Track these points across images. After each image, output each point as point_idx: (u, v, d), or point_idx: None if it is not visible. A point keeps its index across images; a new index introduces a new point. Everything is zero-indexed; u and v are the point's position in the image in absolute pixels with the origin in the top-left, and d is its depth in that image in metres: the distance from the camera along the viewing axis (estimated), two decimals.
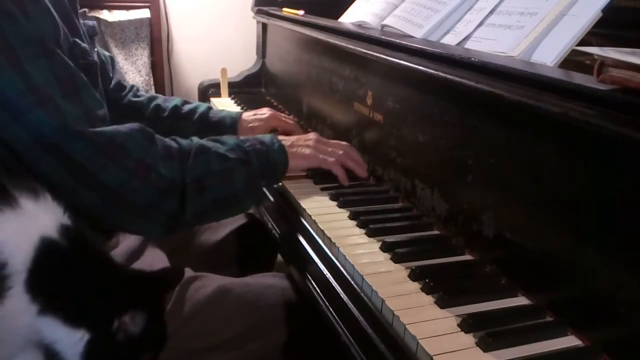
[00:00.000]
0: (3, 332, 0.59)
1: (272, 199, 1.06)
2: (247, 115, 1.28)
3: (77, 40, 0.85)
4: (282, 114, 1.33)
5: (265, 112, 1.30)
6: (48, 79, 0.74)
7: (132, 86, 1.23)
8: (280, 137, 0.99)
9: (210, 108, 1.25)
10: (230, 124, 1.24)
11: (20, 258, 0.59)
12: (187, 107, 1.23)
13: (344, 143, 1.07)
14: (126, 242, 0.96)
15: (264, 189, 1.08)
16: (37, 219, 0.62)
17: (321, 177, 1.05)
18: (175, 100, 1.24)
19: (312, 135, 1.05)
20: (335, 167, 1.02)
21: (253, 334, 0.91)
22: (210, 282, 0.93)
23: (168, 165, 0.82)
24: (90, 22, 0.97)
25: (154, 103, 1.21)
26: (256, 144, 0.94)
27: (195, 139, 0.90)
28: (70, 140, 0.74)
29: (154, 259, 0.98)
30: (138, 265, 0.95)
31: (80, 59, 0.84)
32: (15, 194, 0.62)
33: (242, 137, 0.96)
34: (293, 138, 1.03)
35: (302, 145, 1.01)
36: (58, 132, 0.74)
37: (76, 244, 0.64)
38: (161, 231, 0.86)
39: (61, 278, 0.62)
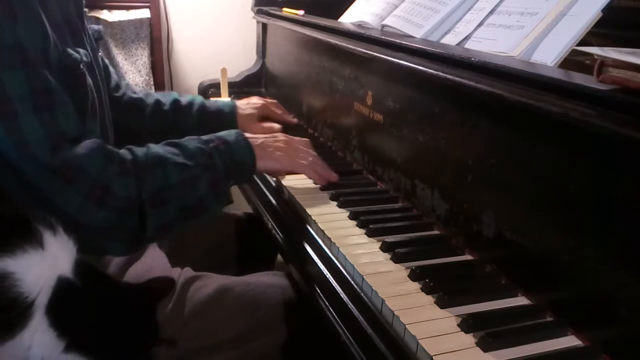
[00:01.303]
0: None
1: (272, 199, 1.06)
2: (241, 103, 1.31)
3: (69, 50, 0.81)
4: (273, 102, 1.37)
5: (257, 100, 1.32)
6: (22, 90, 0.71)
7: (127, 84, 1.23)
8: (249, 136, 0.96)
9: (203, 100, 1.26)
10: (229, 111, 1.25)
11: (43, 297, 0.60)
12: (184, 100, 1.23)
13: (312, 152, 1.04)
14: None
15: (266, 191, 1.08)
16: (57, 259, 0.63)
17: None
18: (173, 94, 1.25)
19: (280, 136, 1.02)
20: (308, 170, 1.01)
21: (254, 333, 0.91)
22: (211, 282, 0.94)
23: (123, 183, 0.79)
24: (96, 27, 0.96)
25: (154, 98, 1.21)
26: (219, 145, 0.90)
27: (152, 148, 0.86)
28: (27, 162, 0.72)
29: (154, 259, 0.98)
30: (138, 265, 0.95)
31: (70, 70, 0.81)
32: (40, 229, 0.62)
33: (204, 138, 0.92)
34: (262, 137, 0.99)
35: (273, 146, 0.98)
36: (14, 151, 0.71)
37: (87, 278, 0.65)
38: (125, 248, 0.83)
39: (80, 313, 0.63)
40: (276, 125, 1.27)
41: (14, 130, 0.71)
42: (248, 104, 1.30)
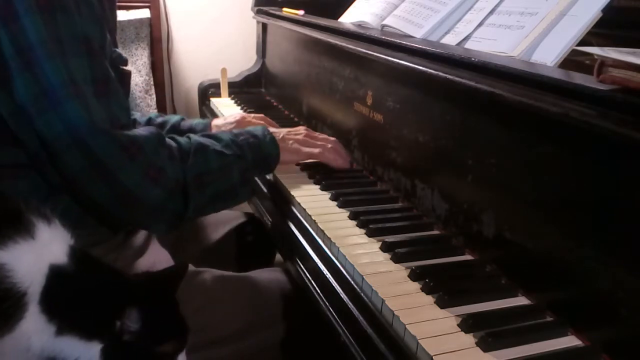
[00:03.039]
0: (19, 352, 0.60)
1: (272, 199, 1.06)
2: (218, 120, 1.29)
3: (118, 50, 0.89)
4: (251, 115, 1.32)
5: (236, 115, 1.30)
6: (86, 76, 0.77)
7: None
8: (271, 130, 1.03)
9: (182, 119, 1.25)
10: (201, 129, 1.23)
11: (36, 286, 0.60)
12: (160, 120, 1.23)
13: (332, 138, 1.12)
14: (131, 239, 0.97)
15: (264, 189, 1.09)
16: (51, 247, 0.64)
17: (322, 177, 1.05)
18: (150, 114, 1.26)
19: (301, 130, 1.09)
20: (322, 156, 1.07)
21: (254, 328, 0.92)
22: (211, 277, 0.95)
23: (172, 166, 0.85)
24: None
25: (132, 118, 1.22)
26: (249, 138, 0.97)
27: (193, 137, 0.92)
28: (97, 136, 0.77)
29: (157, 256, 0.99)
30: (143, 261, 0.96)
31: (119, 68, 0.88)
32: (33, 220, 0.63)
33: (235, 131, 0.99)
34: (284, 131, 1.07)
35: (293, 139, 1.05)
36: (86, 126, 0.76)
37: (82, 264, 0.65)
38: (165, 228, 0.89)
39: (72, 298, 0.63)
40: None
41: (86, 107, 0.76)
42: (225, 121, 1.28)
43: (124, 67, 0.92)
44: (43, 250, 0.63)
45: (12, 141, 0.78)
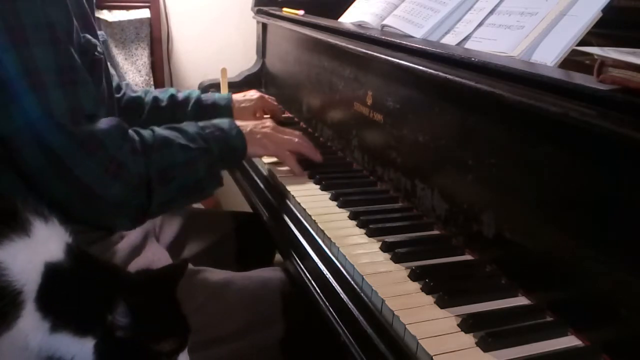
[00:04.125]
0: (17, 351, 0.60)
1: (272, 199, 1.06)
2: (238, 95, 1.35)
3: (88, 35, 0.86)
4: (267, 96, 1.40)
5: (254, 93, 1.37)
6: (49, 65, 0.75)
7: (127, 84, 1.26)
8: (240, 124, 1.02)
9: (201, 94, 1.30)
10: (225, 104, 1.29)
11: (32, 284, 0.61)
12: (181, 95, 1.27)
13: (297, 132, 1.11)
14: (128, 238, 0.97)
15: (263, 187, 1.08)
16: (47, 245, 0.64)
17: (322, 177, 1.05)
18: (170, 90, 1.29)
19: (268, 123, 1.08)
20: (288, 159, 1.07)
21: (254, 326, 0.92)
22: (211, 276, 0.95)
23: (135, 160, 0.83)
24: (100, 32, 0.99)
25: (152, 95, 1.25)
26: (215, 131, 0.96)
27: (157, 130, 0.91)
28: (54, 131, 0.75)
29: (155, 254, 0.99)
30: (140, 260, 0.96)
31: (90, 54, 0.86)
32: (29, 218, 0.63)
33: (200, 124, 0.97)
34: (251, 124, 1.06)
35: (260, 132, 1.04)
36: (42, 121, 0.74)
37: (78, 261, 0.65)
38: (129, 224, 0.89)
39: (67, 295, 0.63)
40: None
41: (44, 101, 0.74)
42: (245, 97, 1.35)
43: (96, 53, 0.89)
44: (39, 248, 0.63)
45: None
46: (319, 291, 0.78)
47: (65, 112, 0.76)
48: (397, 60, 0.93)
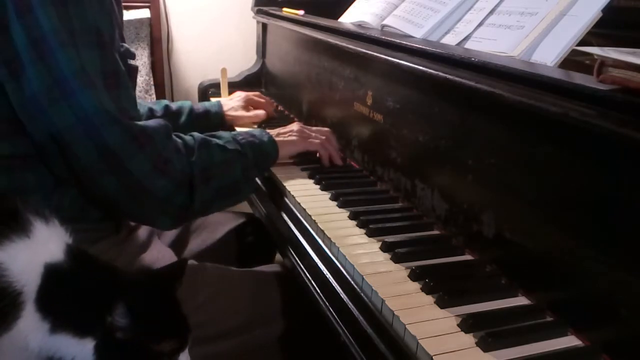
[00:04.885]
0: (17, 352, 0.60)
1: (272, 199, 1.06)
2: (225, 100, 1.45)
3: (126, 45, 0.91)
4: (251, 93, 1.49)
5: (240, 93, 1.46)
6: (96, 68, 0.78)
7: None
8: (269, 131, 1.07)
9: (191, 104, 1.36)
10: (216, 111, 1.37)
11: (32, 284, 0.61)
12: (175, 106, 1.32)
13: (325, 129, 1.17)
14: (134, 235, 0.98)
15: (263, 188, 1.09)
16: (47, 245, 0.64)
17: (322, 177, 1.05)
18: (163, 101, 1.34)
19: (295, 125, 1.15)
20: (320, 148, 1.12)
21: (254, 323, 0.93)
22: (213, 273, 0.96)
23: (179, 158, 0.86)
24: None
25: (146, 107, 1.28)
26: (248, 137, 1.00)
27: (196, 134, 0.94)
28: (108, 124, 0.78)
29: (160, 252, 1.00)
30: (146, 257, 0.96)
31: (127, 61, 0.89)
32: (30, 218, 0.64)
33: (234, 132, 1.02)
34: (278, 129, 1.13)
35: (287, 133, 1.11)
36: (98, 115, 0.77)
37: (78, 261, 0.65)
38: (170, 223, 0.91)
39: (66, 296, 0.63)
40: (260, 112, 1.43)
41: (99, 97, 0.77)
42: (231, 99, 1.45)
43: (132, 61, 0.93)
44: (39, 248, 0.63)
45: (23, 132, 0.78)
46: (319, 291, 0.78)
47: (117, 109, 0.79)
48: (397, 60, 0.93)
